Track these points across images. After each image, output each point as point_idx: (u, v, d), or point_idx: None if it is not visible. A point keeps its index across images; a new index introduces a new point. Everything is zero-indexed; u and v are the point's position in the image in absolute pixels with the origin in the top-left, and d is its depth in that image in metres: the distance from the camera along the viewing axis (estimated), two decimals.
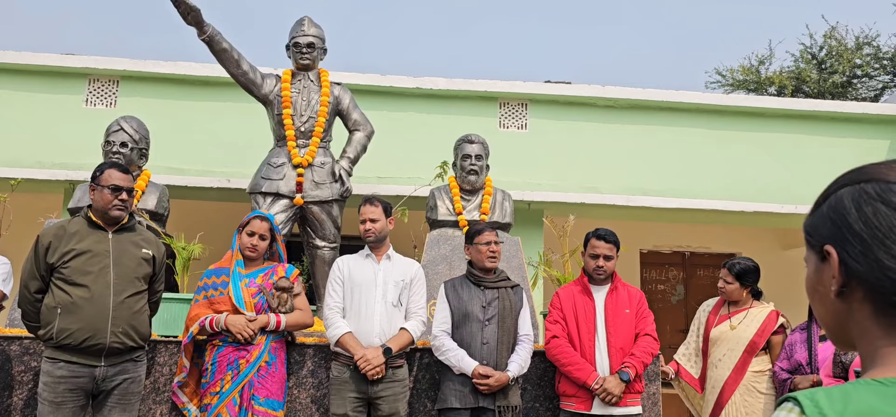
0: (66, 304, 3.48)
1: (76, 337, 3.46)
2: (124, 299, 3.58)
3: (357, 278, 3.95)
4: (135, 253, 3.69)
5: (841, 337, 0.95)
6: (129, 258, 3.67)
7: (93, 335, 3.47)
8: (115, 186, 3.62)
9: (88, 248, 3.58)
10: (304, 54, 5.19)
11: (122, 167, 3.74)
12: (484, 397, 3.78)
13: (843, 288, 0.90)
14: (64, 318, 3.46)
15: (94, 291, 3.51)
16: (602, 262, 4.04)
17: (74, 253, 3.55)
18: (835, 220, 0.92)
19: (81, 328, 3.46)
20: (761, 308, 4.42)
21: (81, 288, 3.51)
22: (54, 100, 7.53)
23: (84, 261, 3.55)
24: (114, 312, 3.52)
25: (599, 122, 8.00)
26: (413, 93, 7.78)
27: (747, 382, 4.24)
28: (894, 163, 0.92)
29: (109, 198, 3.61)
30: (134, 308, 3.62)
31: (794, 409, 0.83)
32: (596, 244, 4.09)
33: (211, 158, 7.40)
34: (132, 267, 3.66)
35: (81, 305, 3.48)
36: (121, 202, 3.64)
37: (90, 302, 3.49)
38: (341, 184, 5.08)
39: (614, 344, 3.92)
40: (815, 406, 0.81)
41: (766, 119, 8.23)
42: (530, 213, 7.30)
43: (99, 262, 3.57)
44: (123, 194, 3.64)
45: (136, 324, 3.62)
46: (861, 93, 14.44)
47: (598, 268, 4.05)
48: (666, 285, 9.66)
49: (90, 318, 3.47)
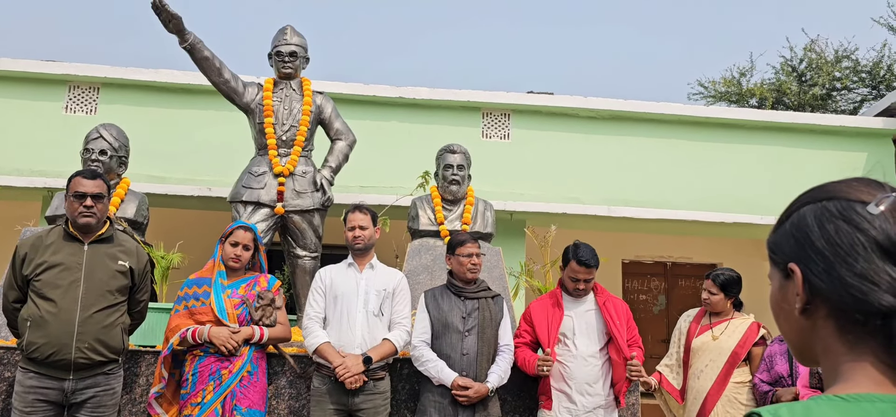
0: (35, 317, 3.44)
1: (42, 352, 3.42)
2: (93, 313, 3.50)
3: (339, 288, 3.93)
4: (109, 265, 3.62)
5: (805, 353, 0.95)
6: (103, 271, 3.59)
7: (57, 350, 3.42)
8: (79, 193, 3.53)
9: (61, 261, 3.52)
10: (286, 63, 5.17)
11: (93, 173, 3.65)
12: (463, 408, 3.76)
13: (807, 305, 0.90)
14: (32, 332, 3.43)
15: (62, 305, 3.45)
16: (582, 285, 4.03)
17: (46, 266, 3.50)
18: (798, 238, 0.93)
19: (47, 342, 3.41)
20: (743, 319, 4.44)
21: (50, 301, 3.46)
22: (33, 107, 7.45)
23: (55, 275, 3.50)
24: (79, 327, 3.45)
25: (582, 133, 8.05)
26: (396, 102, 7.78)
27: (729, 393, 4.25)
28: (855, 181, 0.92)
29: (75, 205, 3.54)
30: (103, 322, 3.54)
31: None
32: (576, 269, 3.99)
33: (192, 166, 7.35)
34: (105, 280, 3.58)
35: (48, 320, 3.43)
36: (86, 208, 3.54)
37: (56, 317, 3.43)
38: (323, 194, 5.06)
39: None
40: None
41: (747, 131, 8.31)
42: (512, 223, 7.31)
43: (69, 276, 3.51)
44: (88, 200, 3.53)
45: (104, 339, 3.54)
46: (840, 105, 14.63)
47: (577, 290, 4.04)
48: (648, 295, 9.71)
49: (55, 333, 3.42)
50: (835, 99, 14.67)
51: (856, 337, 0.87)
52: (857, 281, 0.85)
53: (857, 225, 0.87)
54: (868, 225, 0.86)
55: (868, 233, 0.86)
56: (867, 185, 0.91)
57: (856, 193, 0.90)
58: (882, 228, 0.86)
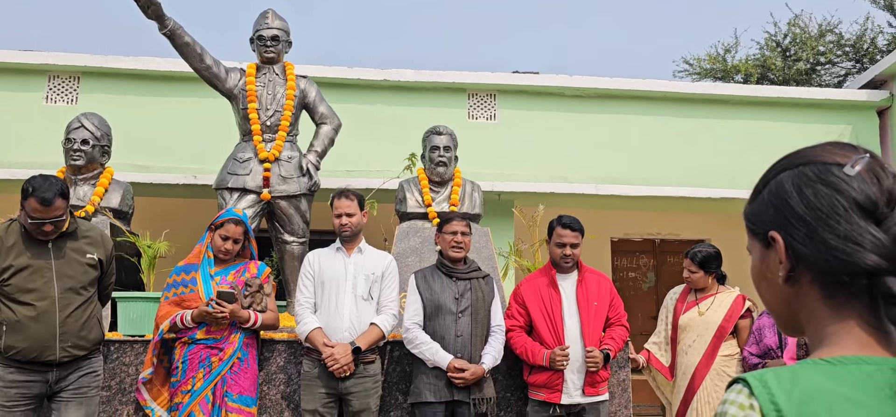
0: (11, 322, 3.37)
1: (25, 355, 3.38)
2: (71, 312, 3.46)
3: (327, 272, 3.92)
4: (79, 260, 3.54)
5: (789, 322, 0.95)
6: (74, 267, 3.51)
7: (41, 352, 3.39)
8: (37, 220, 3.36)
9: (28, 263, 3.42)
10: (268, 47, 5.12)
11: (48, 197, 3.33)
12: (459, 390, 3.77)
13: (790, 272, 0.90)
14: (10, 336, 3.36)
15: (40, 308, 3.38)
16: (569, 251, 4.05)
17: (14, 270, 3.40)
18: (777, 205, 0.92)
19: (29, 346, 3.37)
20: (728, 292, 4.46)
21: (26, 305, 3.38)
22: (13, 98, 7.34)
23: (25, 278, 3.40)
24: (61, 328, 3.41)
25: (568, 112, 8.03)
26: (380, 85, 7.72)
27: (717, 367, 4.28)
28: (829, 144, 0.93)
29: (32, 225, 3.39)
30: (82, 318, 3.51)
31: (744, 390, 0.84)
32: (561, 233, 4.07)
33: (176, 154, 7.28)
34: (77, 277, 3.51)
35: (27, 324, 3.36)
36: (44, 232, 3.42)
37: (36, 321, 3.37)
38: (309, 179, 5.03)
39: (587, 334, 3.93)
40: (763, 387, 0.82)
41: (732, 106, 8.33)
42: (500, 204, 7.30)
43: (41, 277, 3.42)
44: (48, 226, 3.39)
45: (85, 334, 3.52)
46: (825, 79, 14.69)
47: (565, 257, 4.05)
48: (637, 272, 9.75)
49: (37, 337, 3.37)
50: (819, 73, 14.73)
51: (840, 300, 0.87)
52: (840, 243, 0.85)
53: (835, 188, 0.87)
54: (847, 187, 0.86)
55: (847, 195, 0.86)
56: (841, 148, 0.91)
57: (831, 156, 0.90)
58: (861, 188, 0.86)
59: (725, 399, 0.85)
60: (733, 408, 0.83)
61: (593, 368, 3.85)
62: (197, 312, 3.72)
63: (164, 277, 4.11)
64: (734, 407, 0.83)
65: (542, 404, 3.93)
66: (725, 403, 0.84)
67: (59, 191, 3.38)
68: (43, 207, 3.34)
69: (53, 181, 3.41)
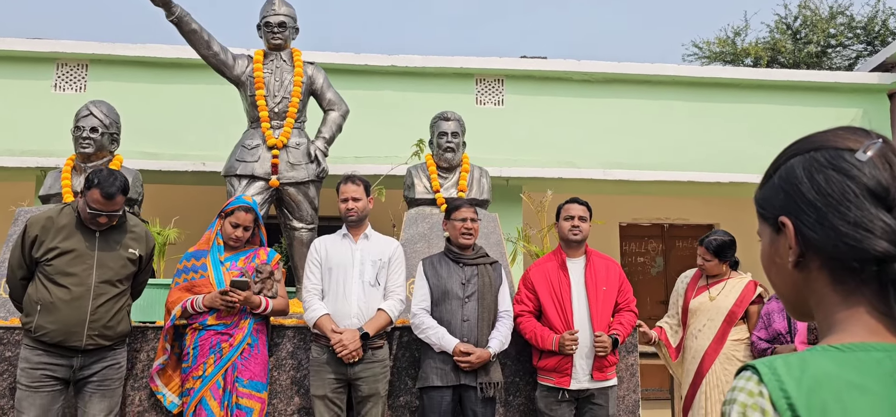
0: (45, 302, 3.48)
1: (52, 336, 3.48)
2: (104, 302, 3.57)
3: (334, 259, 3.92)
4: (121, 254, 3.66)
5: (799, 307, 0.95)
6: (114, 260, 3.63)
7: (67, 336, 3.49)
8: (95, 211, 3.53)
9: (73, 248, 3.55)
10: (275, 34, 5.11)
11: (111, 192, 3.50)
12: (466, 374, 3.78)
13: (800, 257, 0.90)
14: (42, 316, 3.48)
15: (75, 293, 3.50)
16: (577, 222, 4.06)
17: (59, 252, 3.53)
18: (787, 191, 0.92)
19: (58, 328, 3.47)
20: (739, 278, 4.45)
21: (62, 288, 3.50)
22: (22, 86, 7.37)
23: (67, 262, 3.53)
24: (91, 316, 3.52)
25: (576, 97, 8.00)
26: (388, 71, 7.71)
27: (727, 351, 4.28)
28: (841, 129, 0.92)
29: (89, 215, 3.55)
30: (112, 310, 3.61)
31: (753, 377, 0.83)
32: (569, 207, 4.13)
33: (185, 141, 7.30)
34: (116, 269, 3.63)
35: (60, 306, 3.48)
36: (100, 224, 3.59)
37: (68, 305, 3.48)
38: (317, 165, 5.03)
39: (595, 319, 3.93)
40: (772, 373, 0.81)
41: (742, 90, 8.27)
42: (508, 189, 7.30)
43: (82, 263, 3.55)
44: (103, 218, 3.56)
45: (113, 325, 3.61)
46: (835, 62, 14.58)
47: (574, 229, 4.05)
48: (645, 257, 9.73)
49: (67, 320, 3.48)
50: (830, 56, 14.61)
51: (850, 287, 0.86)
52: (850, 230, 0.84)
53: (847, 173, 0.86)
54: (858, 173, 0.86)
55: (859, 181, 0.85)
56: (853, 133, 0.90)
57: (843, 141, 0.90)
58: (872, 175, 0.85)
59: (734, 385, 0.84)
60: (742, 395, 0.82)
61: (602, 353, 3.86)
62: (209, 297, 3.75)
63: (175, 264, 4.14)
64: (743, 394, 0.82)
65: (552, 389, 3.94)
66: (734, 390, 0.84)
67: (120, 187, 3.53)
68: (104, 200, 3.50)
69: (117, 176, 3.55)
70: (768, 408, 0.80)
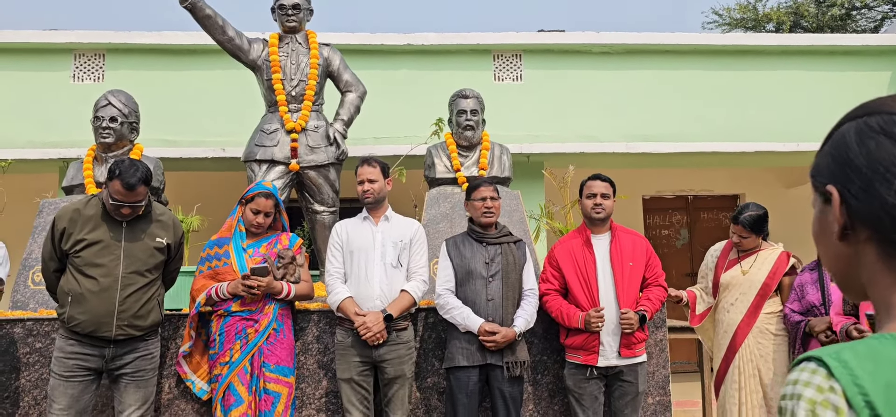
0: (75, 293, 3.53)
1: (83, 327, 3.52)
2: (132, 292, 3.58)
3: (355, 242, 3.91)
4: (148, 244, 3.67)
5: (849, 284, 0.88)
6: (142, 250, 3.65)
7: (98, 327, 3.52)
8: (117, 202, 3.54)
9: (100, 239, 3.58)
10: (289, 16, 5.07)
11: (132, 183, 3.50)
12: (492, 354, 3.76)
13: (846, 229, 0.83)
14: (73, 307, 3.52)
15: (103, 284, 3.53)
16: (599, 199, 3.99)
17: (86, 244, 3.56)
18: (836, 157, 0.85)
19: (88, 319, 3.51)
20: (771, 249, 4.35)
21: (90, 279, 3.53)
22: (40, 78, 7.40)
23: (95, 253, 3.55)
24: (120, 306, 3.54)
25: (596, 69, 7.87)
26: (404, 50, 7.64)
27: (760, 324, 4.20)
28: None
29: (113, 206, 3.56)
30: (141, 300, 3.62)
31: (819, 370, 0.75)
32: (591, 184, 4.06)
33: (204, 128, 7.30)
34: (144, 259, 3.64)
35: (89, 297, 3.51)
36: (123, 215, 3.60)
37: (97, 296, 3.51)
38: (336, 148, 5.00)
39: (621, 295, 3.87)
40: (844, 367, 0.73)
41: (764, 56, 8.09)
42: (529, 166, 7.22)
43: (109, 254, 3.57)
44: (126, 209, 3.56)
45: (143, 315, 3.62)
46: (860, 24, 14.25)
47: (596, 207, 3.99)
48: (670, 230, 9.62)
49: (96, 311, 3.51)
50: (855, 18, 14.28)
51: None
52: None
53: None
54: None
55: None
56: None
57: None
58: None
59: (796, 379, 0.76)
60: (810, 391, 0.74)
61: (628, 330, 3.80)
62: (232, 284, 3.75)
63: (198, 251, 4.14)
64: (811, 390, 0.74)
65: (579, 366, 3.90)
66: (798, 384, 0.75)
67: (142, 178, 3.53)
68: (126, 191, 3.50)
69: (139, 166, 3.55)
70: (842, 405, 0.72)
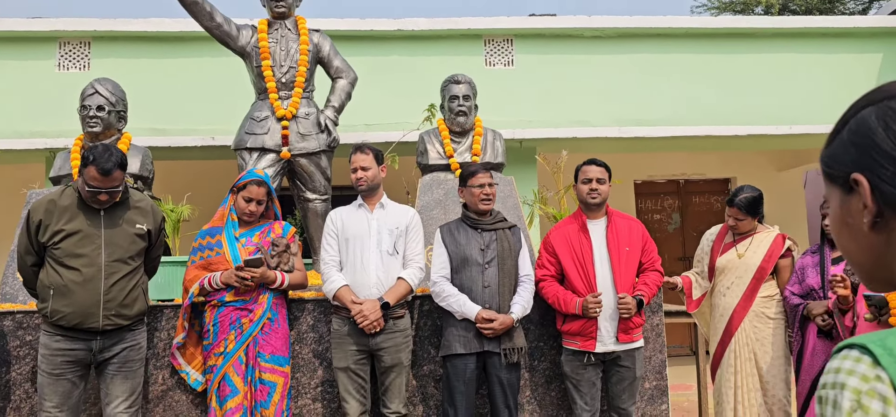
0: (58, 286, 3.44)
1: (69, 320, 3.45)
2: (116, 281, 3.51)
3: (351, 229, 3.87)
4: (128, 231, 3.59)
5: (878, 274, 0.84)
6: (122, 237, 3.57)
7: (84, 318, 3.45)
8: (94, 189, 3.44)
9: (79, 228, 3.49)
10: (279, 2, 4.99)
11: (107, 168, 3.41)
12: (489, 341, 3.74)
13: (877, 217, 0.81)
14: (56, 300, 3.44)
15: (86, 274, 3.45)
16: (595, 184, 3.96)
17: (65, 234, 3.47)
18: (859, 144, 0.82)
19: (73, 311, 3.43)
20: (766, 232, 4.35)
21: (72, 270, 3.45)
22: (25, 67, 7.28)
23: (75, 243, 3.47)
24: (105, 296, 3.47)
25: (587, 54, 7.83)
26: (395, 35, 7.57)
27: (756, 308, 4.20)
28: None
29: (88, 193, 3.48)
30: (126, 288, 3.56)
31: (863, 358, 0.73)
32: (586, 169, 4.01)
33: (193, 116, 7.21)
34: (125, 247, 3.57)
35: (73, 289, 3.43)
36: (100, 202, 3.50)
37: (81, 287, 3.44)
38: (328, 135, 4.95)
39: (618, 280, 3.85)
40: (890, 355, 0.71)
41: (756, 39, 8.08)
42: (522, 151, 7.19)
43: (90, 243, 3.49)
44: (103, 195, 3.47)
45: (129, 304, 3.56)
46: (849, 6, 14.27)
47: (592, 192, 3.96)
48: (662, 214, 9.63)
49: (81, 303, 3.43)
50: (843, 0, 14.30)
51: None
52: None
53: None
54: None
55: None
56: None
57: None
58: None
59: (839, 367, 0.74)
60: (854, 380, 0.72)
61: (626, 315, 3.79)
62: (225, 275, 3.71)
63: (189, 241, 4.09)
64: (855, 379, 0.72)
65: (577, 352, 3.88)
66: (840, 372, 0.73)
67: (118, 163, 3.44)
68: (101, 176, 3.41)
69: (113, 151, 3.46)
70: (890, 395, 0.69)
